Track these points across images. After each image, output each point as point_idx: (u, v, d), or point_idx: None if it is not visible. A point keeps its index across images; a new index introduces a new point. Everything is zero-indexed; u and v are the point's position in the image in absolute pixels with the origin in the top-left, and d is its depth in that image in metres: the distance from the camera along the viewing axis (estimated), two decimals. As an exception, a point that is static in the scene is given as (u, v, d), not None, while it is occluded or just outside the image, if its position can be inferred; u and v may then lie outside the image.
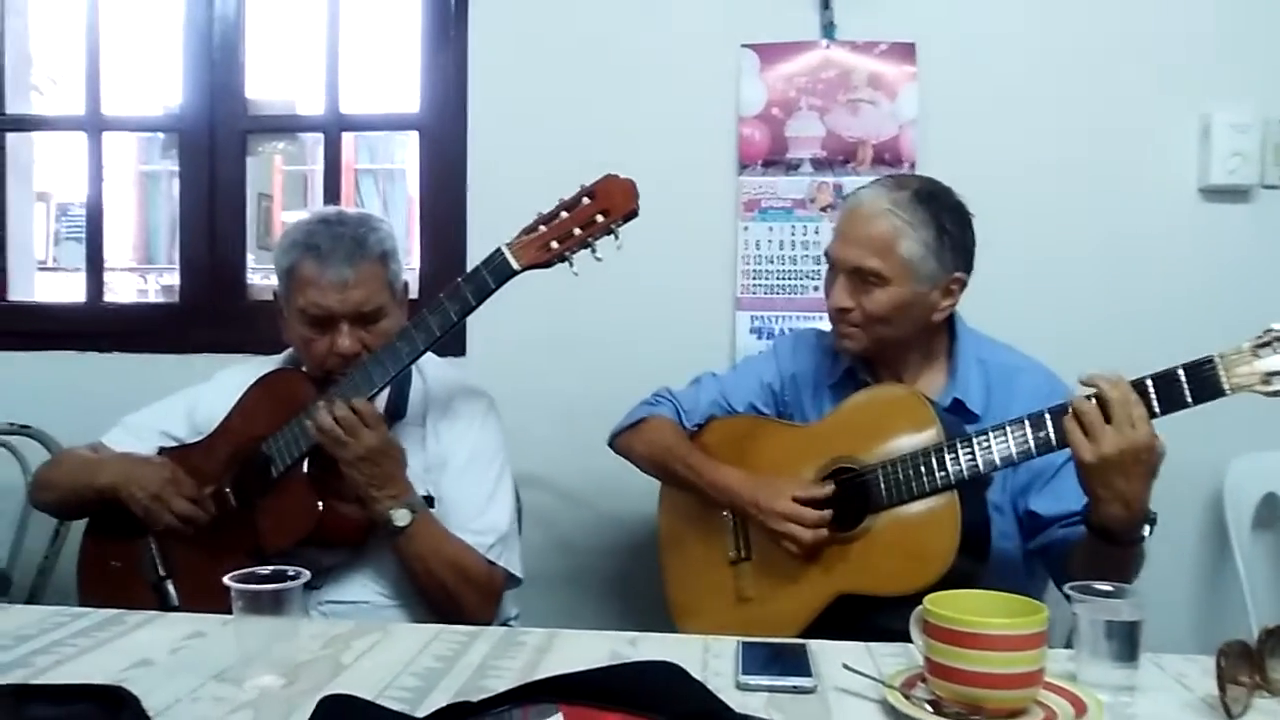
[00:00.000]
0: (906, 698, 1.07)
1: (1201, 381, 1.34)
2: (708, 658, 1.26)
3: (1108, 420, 1.37)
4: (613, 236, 1.54)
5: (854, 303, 1.66)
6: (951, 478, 1.51)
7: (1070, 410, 1.41)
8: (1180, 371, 1.36)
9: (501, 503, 1.75)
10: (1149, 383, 1.38)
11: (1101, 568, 1.43)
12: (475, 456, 1.75)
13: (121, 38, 2.84)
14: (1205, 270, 2.23)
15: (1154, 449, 1.38)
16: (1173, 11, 2.24)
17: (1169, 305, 2.22)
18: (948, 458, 1.51)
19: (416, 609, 1.68)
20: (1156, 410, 1.38)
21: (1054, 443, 1.45)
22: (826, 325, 1.79)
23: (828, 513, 1.60)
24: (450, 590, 1.65)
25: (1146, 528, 1.45)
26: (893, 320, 1.67)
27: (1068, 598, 1.18)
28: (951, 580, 1.44)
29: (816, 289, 2.29)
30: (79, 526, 1.88)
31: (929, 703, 1.07)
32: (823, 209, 2.29)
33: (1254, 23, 2.22)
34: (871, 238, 1.64)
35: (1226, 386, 1.33)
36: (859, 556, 1.59)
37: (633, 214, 1.53)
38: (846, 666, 1.17)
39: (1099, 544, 1.46)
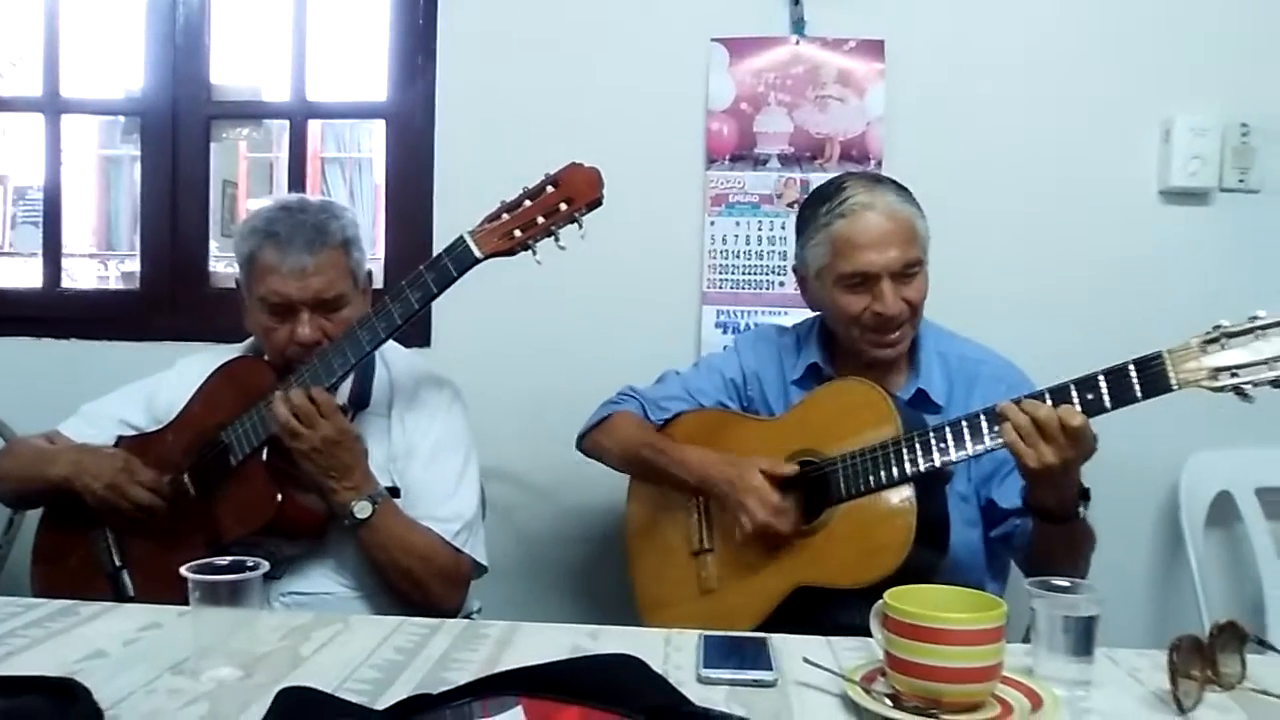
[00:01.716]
0: (866, 691, 1.08)
1: (1150, 377, 1.36)
2: (669, 651, 1.26)
3: (1043, 437, 1.40)
4: (576, 225, 1.53)
5: (905, 303, 1.65)
6: (908, 471, 1.53)
7: (1003, 419, 1.44)
8: (1130, 367, 1.38)
9: (467, 490, 1.74)
10: (1100, 377, 1.40)
11: (1055, 547, 1.51)
12: (441, 444, 1.75)
13: (82, 18, 2.79)
14: (1164, 271, 2.27)
15: (1090, 446, 1.42)
16: (1136, 15, 2.27)
17: (1128, 305, 2.25)
18: (905, 452, 1.53)
19: (380, 600, 1.68)
20: (1107, 405, 1.39)
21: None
22: (787, 321, 1.79)
23: (789, 505, 1.60)
24: (416, 579, 1.64)
25: (1083, 505, 1.49)
26: (922, 303, 1.69)
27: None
28: (910, 572, 1.45)
29: (783, 284, 2.30)
30: (34, 515, 1.86)
31: (888, 696, 1.07)
32: (789, 205, 2.29)
33: (1216, 27, 2.25)
34: (900, 232, 1.64)
35: (1174, 382, 1.34)
36: (817, 549, 1.60)
37: (597, 203, 1.53)
38: (807, 660, 1.18)
39: (1043, 525, 1.52)
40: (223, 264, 2.80)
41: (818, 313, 1.81)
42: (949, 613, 1.06)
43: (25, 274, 5.85)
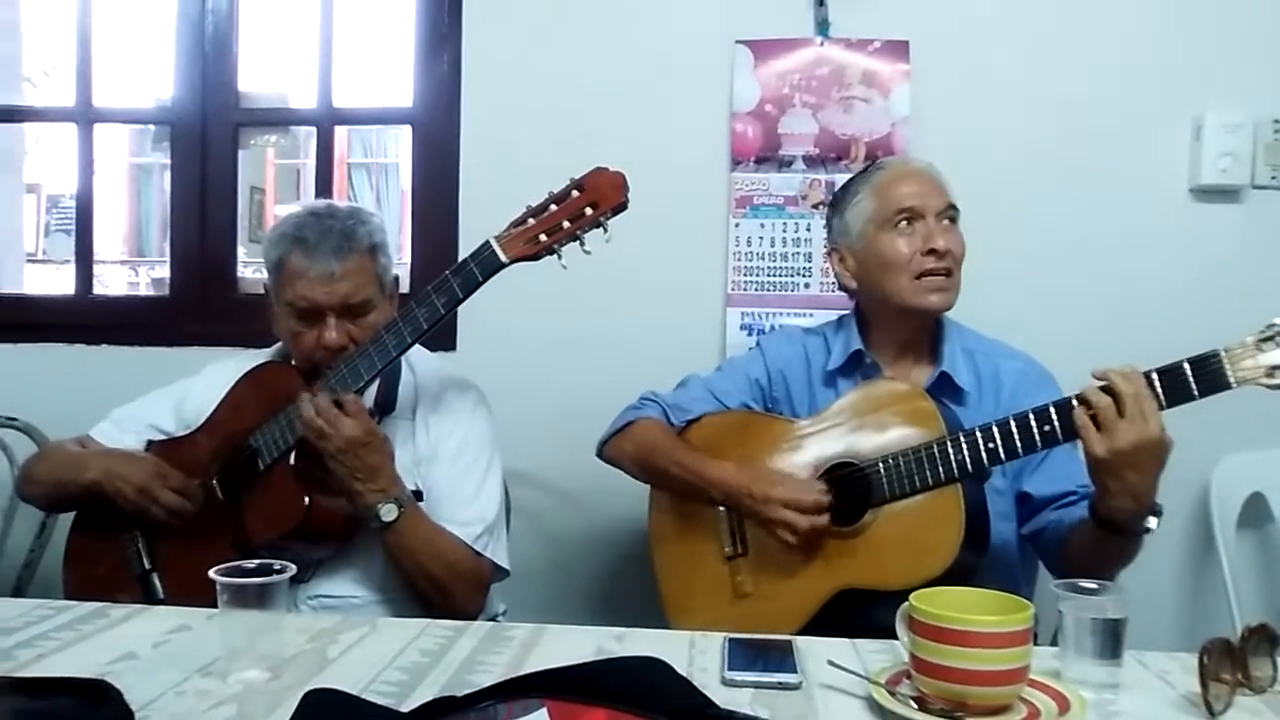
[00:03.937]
0: (891, 694, 1.08)
1: (1207, 375, 1.35)
2: (694, 653, 1.26)
3: (1120, 414, 1.38)
4: (601, 230, 1.53)
5: (951, 244, 1.70)
6: (955, 471, 1.52)
7: (1082, 402, 1.41)
8: (1186, 365, 1.37)
9: (489, 494, 1.74)
10: (1154, 376, 1.39)
11: (1102, 556, 1.48)
12: (464, 448, 1.75)
13: (114, 29, 2.83)
14: (1196, 269, 2.24)
15: (1165, 443, 1.39)
16: (1166, 12, 2.25)
17: (1159, 304, 2.22)
18: (950, 451, 1.52)
19: (407, 604, 1.68)
20: (1163, 403, 1.38)
21: (1059, 436, 1.46)
22: (812, 323, 1.79)
23: (826, 499, 1.59)
24: (438, 583, 1.65)
25: (1153, 520, 1.46)
26: (961, 261, 1.72)
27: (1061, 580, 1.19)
28: (953, 572, 1.45)
29: (807, 286, 2.30)
30: (66, 519, 1.88)
31: (914, 699, 1.07)
32: (814, 206, 2.29)
33: (1247, 24, 2.23)
34: (938, 181, 1.75)
35: (1232, 380, 1.33)
36: (862, 551, 1.59)
37: (622, 207, 1.53)
38: (832, 663, 1.18)
39: (1103, 533, 1.47)
40: (251, 269, 2.83)
41: (853, 297, 1.83)
42: (975, 615, 1.06)
43: (58, 281, 5.94)
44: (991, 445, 1.50)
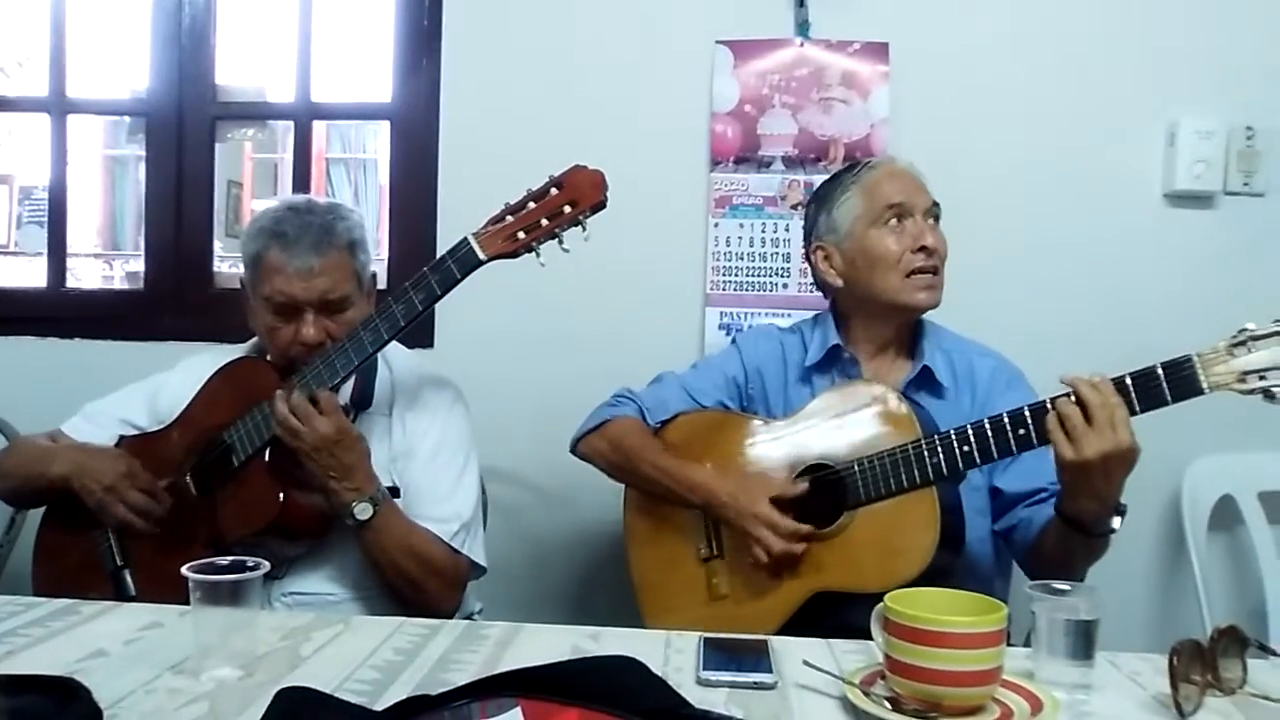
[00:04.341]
0: (866, 695, 1.08)
1: (1180, 380, 1.36)
2: (669, 653, 1.26)
3: (1089, 422, 1.38)
4: (580, 228, 1.53)
5: (939, 243, 1.72)
6: (931, 473, 1.52)
7: (1053, 411, 1.42)
8: (1159, 370, 1.37)
9: (466, 491, 1.74)
10: (1128, 380, 1.40)
11: (1070, 553, 1.50)
12: (441, 445, 1.75)
13: (88, 19, 2.80)
14: (1169, 275, 2.26)
15: (1134, 450, 1.40)
16: (1142, 18, 2.27)
17: (1133, 308, 2.25)
18: (926, 454, 1.53)
19: (382, 602, 1.67)
20: (1136, 408, 1.39)
21: (1034, 440, 1.46)
22: (785, 322, 1.79)
23: (805, 527, 1.59)
24: (415, 580, 1.64)
25: (1117, 520, 1.48)
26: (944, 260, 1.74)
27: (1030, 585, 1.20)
28: (928, 573, 1.46)
29: (786, 286, 2.30)
30: (35, 515, 1.86)
31: (888, 700, 1.07)
32: (793, 207, 2.30)
33: (1221, 31, 2.25)
34: (923, 180, 1.76)
35: (1205, 385, 1.34)
36: (837, 553, 1.59)
37: (601, 205, 1.53)
38: (807, 663, 1.18)
39: (1069, 531, 1.49)
40: (227, 264, 2.80)
41: (828, 295, 1.84)
42: (949, 616, 1.06)
43: (30, 274, 5.88)
44: (966, 449, 1.50)
